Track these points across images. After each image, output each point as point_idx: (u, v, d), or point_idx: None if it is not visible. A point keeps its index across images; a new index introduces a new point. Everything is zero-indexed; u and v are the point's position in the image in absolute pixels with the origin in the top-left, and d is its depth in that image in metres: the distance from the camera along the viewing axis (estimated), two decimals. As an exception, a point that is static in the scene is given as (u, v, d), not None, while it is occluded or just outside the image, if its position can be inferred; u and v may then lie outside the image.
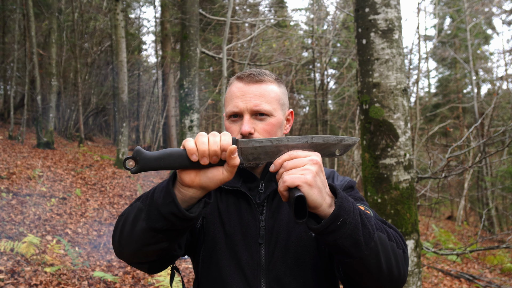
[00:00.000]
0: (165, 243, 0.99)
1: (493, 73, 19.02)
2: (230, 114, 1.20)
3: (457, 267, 8.09)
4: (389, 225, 1.12)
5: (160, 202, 0.93)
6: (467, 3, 14.06)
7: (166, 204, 0.92)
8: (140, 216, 0.97)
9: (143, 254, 1.02)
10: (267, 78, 1.21)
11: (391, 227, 1.11)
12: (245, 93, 1.18)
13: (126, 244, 1.02)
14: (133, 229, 0.98)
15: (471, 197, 16.28)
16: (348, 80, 15.34)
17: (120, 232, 1.03)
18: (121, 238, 1.03)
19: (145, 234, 0.96)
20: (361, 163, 3.04)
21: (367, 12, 2.91)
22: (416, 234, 2.84)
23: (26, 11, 12.54)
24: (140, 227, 0.96)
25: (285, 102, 1.26)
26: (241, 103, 1.17)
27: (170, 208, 0.91)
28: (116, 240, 1.06)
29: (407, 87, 2.96)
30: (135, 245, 1.00)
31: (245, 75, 1.21)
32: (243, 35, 15.58)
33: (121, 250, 1.05)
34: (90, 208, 7.38)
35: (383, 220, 1.12)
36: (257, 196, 1.22)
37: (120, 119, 11.27)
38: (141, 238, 0.97)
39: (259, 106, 1.16)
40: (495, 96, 10.91)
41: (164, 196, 0.93)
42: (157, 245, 0.99)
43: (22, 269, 4.35)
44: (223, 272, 1.14)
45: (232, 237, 1.16)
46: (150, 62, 23.88)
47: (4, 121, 15.03)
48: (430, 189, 5.82)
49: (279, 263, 1.13)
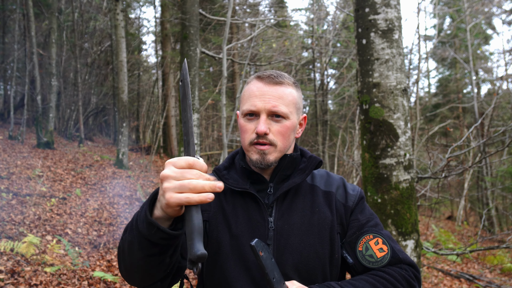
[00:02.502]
0: (167, 259, 1.03)
1: (493, 73, 19.03)
2: (246, 112, 1.20)
3: (457, 267, 8.09)
4: (404, 260, 1.17)
5: (146, 233, 0.94)
6: (467, 3, 14.06)
7: (152, 234, 0.94)
8: (133, 248, 0.99)
9: (150, 276, 1.05)
10: (286, 81, 1.22)
11: (405, 261, 1.18)
12: (264, 93, 1.18)
13: (132, 274, 1.06)
14: (132, 260, 1.02)
15: (471, 197, 16.28)
16: (348, 80, 15.34)
17: (123, 265, 1.07)
18: (126, 270, 1.07)
19: (145, 261, 1.00)
20: (361, 163, 3.04)
21: (367, 12, 2.91)
22: (416, 234, 2.84)
23: (26, 11, 12.55)
24: (137, 257, 1.00)
25: (300, 106, 1.26)
26: (259, 103, 1.17)
27: (157, 235, 0.93)
28: (123, 271, 1.10)
29: (407, 87, 2.96)
30: (140, 272, 1.04)
31: (266, 75, 1.21)
32: (243, 35, 15.58)
33: (130, 278, 1.09)
34: (90, 208, 7.37)
35: (398, 258, 1.17)
36: (265, 197, 1.22)
37: (120, 119, 11.27)
38: (142, 265, 1.01)
39: (277, 107, 1.17)
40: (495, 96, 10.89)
41: (147, 227, 0.94)
42: (160, 265, 1.02)
43: (22, 269, 4.35)
44: (228, 274, 1.14)
45: (239, 238, 1.16)
46: (150, 62, 23.88)
47: (4, 121, 15.03)
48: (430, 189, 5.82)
49: (288, 265, 1.14)
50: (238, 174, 1.26)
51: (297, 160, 1.27)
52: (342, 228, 1.23)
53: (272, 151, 1.18)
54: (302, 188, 1.25)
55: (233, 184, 1.22)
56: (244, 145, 1.23)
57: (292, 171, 1.25)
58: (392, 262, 1.15)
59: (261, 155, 1.18)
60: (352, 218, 1.23)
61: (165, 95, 16.20)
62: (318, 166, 1.27)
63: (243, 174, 1.26)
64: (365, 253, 1.16)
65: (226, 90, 9.87)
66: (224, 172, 1.27)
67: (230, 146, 12.96)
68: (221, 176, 1.26)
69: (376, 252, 1.15)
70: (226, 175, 1.26)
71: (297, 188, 1.24)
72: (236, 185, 1.21)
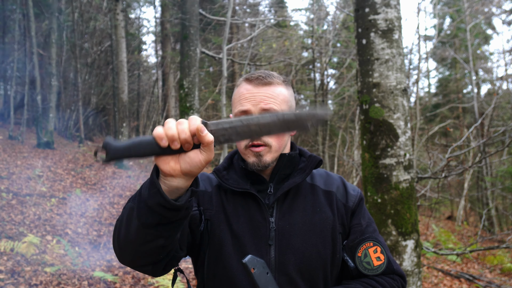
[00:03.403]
0: (161, 240, 0.98)
1: (493, 73, 19.01)
2: (239, 114, 1.19)
3: (457, 267, 8.09)
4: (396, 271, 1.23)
5: (146, 195, 0.91)
6: (467, 3, 14.05)
7: (151, 196, 0.90)
8: (132, 215, 0.96)
9: (141, 254, 1.01)
10: (276, 80, 1.21)
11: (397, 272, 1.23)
12: (254, 95, 1.18)
13: (124, 246, 1.02)
14: (128, 230, 0.98)
15: (471, 197, 16.28)
16: (348, 80, 15.34)
17: (117, 236, 1.03)
18: (119, 241, 1.02)
19: (139, 233, 0.95)
20: (361, 163, 3.04)
21: (367, 12, 2.91)
22: (416, 234, 2.84)
23: (26, 11, 12.55)
24: (134, 226, 0.95)
25: (292, 104, 1.26)
26: (250, 105, 1.17)
27: (156, 199, 0.89)
28: (116, 245, 1.05)
29: (407, 87, 2.96)
30: (132, 245, 0.99)
31: (254, 77, 1.21)
32: (243, 35, 15.58)
33: (121, 253, 1.05)
34: (90, 208, 7.37)
35: (392, 268, 1.22)
36: (266, 198, 1.22)
37: (120, 119, 11.27)
38: (136, 238, 0.97)
39: (268, 106, 1.17)
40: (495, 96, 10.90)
41: (149, 187, 0.91)
42: (153, 243, 0.97)
43: (22, 269, 4.35)
44: (231, 273, 1.14)
45: (241, 238, 1.16)
46: (150, 62, 23.88)
47: (4, 121, 15.02)
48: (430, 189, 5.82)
49: (290, 265, 1.14)
50: (237, 175, 1.26)
51: (296, 159, 1.27)
52: (344, 228, 1.23)
53: (267, 151, 1.18)
54: (303, 188, 1.25)
55: (233, 185, 1.21)
56: (239, 149, 1.23)
57: (291, 170, 1.25)
58: (386, 272, 1.20)
59: (257, 157, 1.18)
60: (354, 222, 1.25)
61: (165, 95, 16.21)
62: (318, 165, 1.27)
63: (242, 174, 1.25)
64: (363, 260, 1.19)
65: (226, 90, 9.87)
66: (224, 173, 1.27)
67: (230, 146, 12.95)
68: (221, 176, 1.25)
69: (373, 260, 1.19)
70: (226, 176, 1.25)
71: (297, 188, 1.24)
72: (237, 185, 1.21)
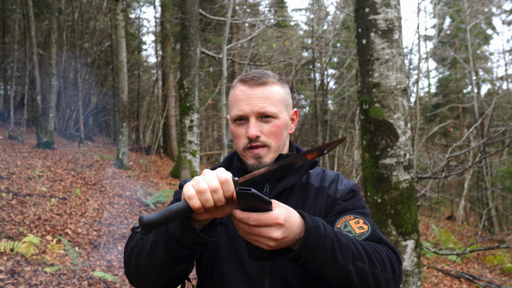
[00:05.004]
0: (185, 265, 1.04)
1: (493, 73, 19.03)
2: (235, 117, 1.19)
3: (457, 267, 8.09)
4: (385, 242, 1.09)
5: (178, 234, 0.95)
6: (467, 3, 14.06)
7: (185, 235, 0.94)
8: (156, 249, 0.99)
9: (163, 280, 1.06)
10: (271, 80, 1.20)
11: (387, 244, 1.09)
12: (250, 97, 1.17)
13: (144, 275, 1.05)
14: (150, 261, 1.02)
15: (471, 197, 16.28)
16: (348, 80, 15.35)
17: (135, 265, 1.06)
18: (138, 270, 1.06)
19: (165, 264, 1.00)
20: (361, 163, 3.04)
21: (367, 12, 2.91)
22: (416, 234, 2.84)
23: (26, 11, 12.54)
24: (159, 259, 1.00)
25: (289, 102, 1.25)
26: (246, 107, 1.16)
27: (191, 238, 0.94)
28: (131, 273, 1.08)
29: (407, 87, 2.96)
30: (155, 274, 1.04)
31: (249, 78, 1.20)
32: (243, 35, 15.58)
33: (139, 281, 1.08)
34: (90, 208, 7.37)
35: (379, 236, 1.09)
36: None
37: (120, 119, 11.27)
38: (160, 268, 1.01)
39: (265, 108, 1.16)
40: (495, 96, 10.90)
41: (181, 228, 0.94)
42: (177, 269, 1.03)
43: (22, 269, 4.35)
44: (225, 274, 1.15)
45: (236, 239, 1.17)
46: (150, 62, 23.89)
47: (4, 121, 15.03)
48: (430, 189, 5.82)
49: (283, 265, 1.14)
50: (235, 175, 1.26)
51: None
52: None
53: (266, 152, 1.18)
54: (296, 186, 1.25)
55: None
56: (238, 151, 1.23)
57: (287, 171, 1.25)
58: (372, 239, 1.07)
59: (257, 159, 1.18)
60: (336, 204, 1.20)
61: (165, 95, 16.21)
62: (313, 166, 1.27)
63: (240, 175, 1.25)
64: (343, 229, 1.09)
65: (226, 90, 9.87)
66: None
67: (230, 146, 12.96)
68: None
69: (355, 229, 1.09)
70: None
71: (291, 187, 1.24)
72: None
